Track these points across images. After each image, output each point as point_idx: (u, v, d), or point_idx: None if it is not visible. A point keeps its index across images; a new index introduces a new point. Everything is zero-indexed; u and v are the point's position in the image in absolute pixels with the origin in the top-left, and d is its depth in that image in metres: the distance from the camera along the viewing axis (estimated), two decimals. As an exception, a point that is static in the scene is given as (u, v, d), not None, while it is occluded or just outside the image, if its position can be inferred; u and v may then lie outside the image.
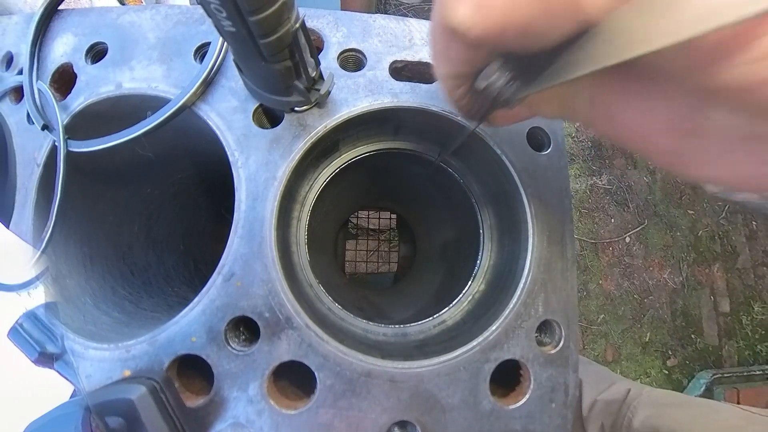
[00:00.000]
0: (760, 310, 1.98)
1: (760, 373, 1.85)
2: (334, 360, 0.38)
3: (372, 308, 0.85)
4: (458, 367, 0.40)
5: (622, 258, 1.91)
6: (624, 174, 2.00)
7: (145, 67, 0.45)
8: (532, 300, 0.42)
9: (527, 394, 0.40)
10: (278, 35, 0.29)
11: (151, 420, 0.32)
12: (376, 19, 0.48)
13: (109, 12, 0.47)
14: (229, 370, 0.37)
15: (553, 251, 0.44)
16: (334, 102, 0.44)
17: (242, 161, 0.42)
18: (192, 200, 0.75)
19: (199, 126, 0.44)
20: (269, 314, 0.38)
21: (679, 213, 2.00)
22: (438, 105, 0.46)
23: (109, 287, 0.51)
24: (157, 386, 0.34)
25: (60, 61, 0.46)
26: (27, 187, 0.44)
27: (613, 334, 1.84)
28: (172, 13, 0.47)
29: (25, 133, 0.45)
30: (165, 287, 0.63)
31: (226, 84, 0.44)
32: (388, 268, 1.41)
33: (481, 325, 0.43)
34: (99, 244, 0.53)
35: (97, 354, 0.38)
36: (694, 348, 1.90)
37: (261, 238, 0.40)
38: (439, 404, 0.39)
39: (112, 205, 0.57)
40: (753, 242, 2.04)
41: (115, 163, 0.51)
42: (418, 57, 0.47)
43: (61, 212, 0.43)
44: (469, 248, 0.60)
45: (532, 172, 0.45)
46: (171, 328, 0.38)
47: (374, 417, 0.38)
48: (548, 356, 0.41)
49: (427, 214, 0.95)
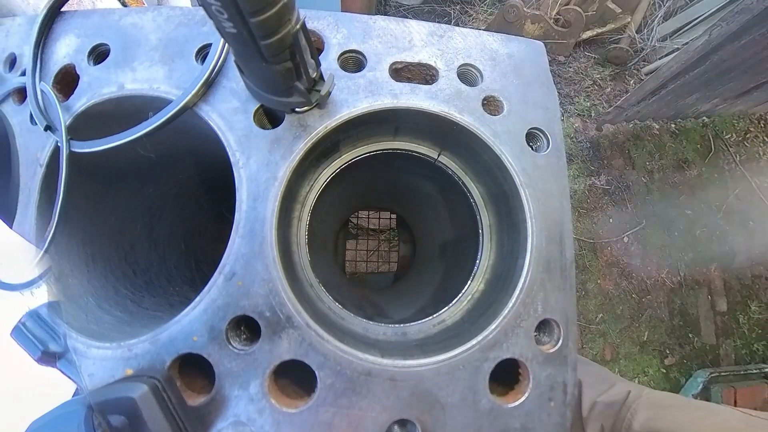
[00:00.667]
0: (757, 309, 1.98)
1: (757, 372, 1.85)
2: (335, 359, 0.38)
3: (372, 307, 0.85)
4: (458, 366, 0.39)
5: (621, 258, 1.91)
6: (622, 174, 2.00)
7: (147, 68, 0.45)
8: (531, 299, 0.42)
9: (526, 393, 0.40)
10: (279, 36, 0.29)
11: (153, 418, 0.32)
12: (376, 20, 0.48)
13: (111, 14, 0.47)
14: (230, 368, 0.37)
15: (552, 251, 0.44)
16: (334, 103, 0.44)
17: (243, 162, 0.42)
18: (193, 200, 0.75)
19: (201, 127, 0.44)
20: (270, 313, 0.38)
21: (676, 213, 2.00)
22: (437, 106, 0.46)
23: (111, 286, 0.51)
24: (158, 385, 0.34)
25: (63, 62, 0.46)
26: (30, 187, 0.44)
27: (611, 333, 1.84)
28: (174, 14, 0.47)
29: (28, 134, 0.45)
30: (167, 287, 0.63)
31: (228, 85, 0.44)
32: (388, 267, 1.41)
33: (480, 325, 0.43)
34: (101, 243, 0.53)
35: (99, 353, 0.38)
36: (691, 347, 1.90)
37: (262, 238, 0.40)
38: (438, 403, 0.39)
39: (114, 205, 0.56)
40: (750, 242, 2.04)
41: (117, 163, 0.51)
42: (418, 58, 0.47)
43: (63, 212, 0.43)
44: (468, 248, 0.60)
45: (531, 172, 0.45)
46: (173, 327, 0.38)
47: (374, 415, 0.38)
48: (547, 355, 0.41)
49: (426, 214, 0.95)
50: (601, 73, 2.16)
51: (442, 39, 0.48)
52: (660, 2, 2.19)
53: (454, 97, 0.46)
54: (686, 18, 2.06)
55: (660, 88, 1.70)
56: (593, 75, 2.15)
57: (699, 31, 1.86)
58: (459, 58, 0.48)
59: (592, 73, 2.15)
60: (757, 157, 2.16)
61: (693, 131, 2.12)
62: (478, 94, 0.47)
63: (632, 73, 2.17)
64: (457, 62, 0.48)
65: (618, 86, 2.14)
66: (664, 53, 2.12)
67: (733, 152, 2.13)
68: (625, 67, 2.17)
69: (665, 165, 2.05)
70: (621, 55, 2.12)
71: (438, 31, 0.48)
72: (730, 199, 2.06)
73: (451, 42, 0.48)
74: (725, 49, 1.40)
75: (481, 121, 0.46)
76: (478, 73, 0.48)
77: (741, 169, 2.12)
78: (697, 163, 2.08)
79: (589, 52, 2.20)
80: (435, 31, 0.48)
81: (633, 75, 2.17)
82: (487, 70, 0.48)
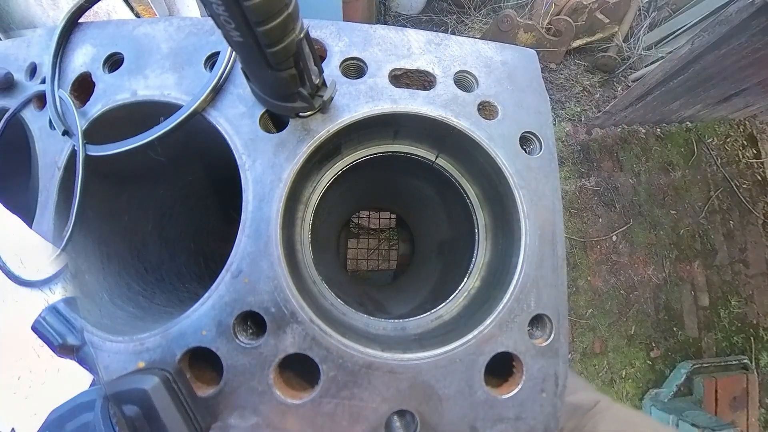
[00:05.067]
0: (737, 304, 1.98)
1: (736, 363, 1.85)
2: (337, 352, 0.38)
3: (372, 303, 0.85)
4: (454, 359, 0.39)
5: (609, 256, 1.91)
6: (611, 176, 1.99)
7: (158, 75, 0.44)
8: (525, 296, 0.42)
9: (520, 384, 0.40)
10: (284, 45, 0.29)
11: (165, 408, 0.32)
12: (376, 29, 0.47)
13: (125, 24, 0.47)
14: (237, 361, 0.37)
15: (545, 249, 0.43)
16: (336, 107, 0.44)
17: (249, 164, 0.41)
18: (202, 201, 0.75)
19: (209, 131, 0.43)
20: (275, 309, 0.38)
21: (662, 213, 1.99)
22: (435, 110, 0.46)
23: (124, 283, 0.51)
24: (169, 377, 0.34)
25: (80, 70, 0.46)
26: (48, 189, 0.44)
27: (600, 327, 1.83)
28: (184, 24, 0.46)
29: (48, 139, 0.45)
30: (177, 283, 0.63)
31: (235, 91, 0.44)
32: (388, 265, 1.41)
33: (476, 320, 0.42)
34: (115, 242, 0.53)
35: (113, 346, 0.38)
36: (675, 340, 1.89)
37: (267, 237, 0.40)
38: (436, 394, 0.39)
39: (127, 206, 0.56)
40: (730, 240, 2.04)
41: (130, 166, 0.51)
42: (416, 65, 0.47)
43: (80, 212, 0.43)
44: (464, 247, 0.60)
45: (524, 174, 0.45)
46: (183, 322, 0.38)
47: (374, 406, 0.38)
48: (540, 349, 0.41)
49: (425, 214, 0.95)
50: (590, 80, 2.16)
51: (439, 47, 0.48)
52: (645, 13, 2.19)
53: (450, 103, 0.46)
54: (670, 28, 2.06)
55: (646, 95, 1.70)
56: (583, 81, 2.15)
57: (682, 41, 1.85)
58: (455, 65, 0.48)
59: (581, 80, 2.15)
60: (737, 160, 2.16)
61: (677, 135, 2.12)
62: (473, 100, 0.47)
63: (620, 80, 2.17)
64: (454, 69, 0.47)
65: (606, 92, 2.14)
66: (649, 61, 2.11)
67: (714, 155, 2.13)
68: (613, 74, 2.17)
69: (651, 167, 2.04)
70: (609, 63, 2.12)
71: (435, 40, 0.48)
72: (712, 199, 2.06)
73: (447, 50, 0.48)
74: (706, 58, 1.40)
75: (476, 125, 0.46)
76: (474, 80, 0.48)
77: (722, 171, 2.12)
78: (681, 166, 2.08)
79: (579, 60, 2.19)
80: (432, 39, 0.48)
81: (620, 82, 2.17)
82: (482, 76, 0.48)
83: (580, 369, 1.78)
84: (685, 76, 1.52)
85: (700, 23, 1.88)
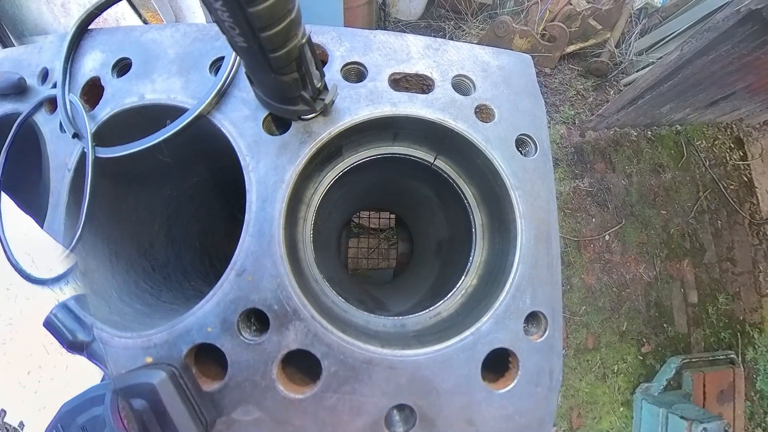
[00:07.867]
0: (724, 301, 1.98)
1: (724, 358, 1.85)
2: (338, 349, 0.38)
3: (373, 301, 0.85)
4: (452, 355, 0.39)
5: (602, 254, 1.90)
6: (604, 177, 1.99)
7: (165, 79, 0.44)
8: (521, 293, 0.42)
9: (515, 379, 0.40)
10: (287, 50, 0.29)
11: (172, 402, 0.32)
12: (376, 34, 0.47)
13: (133, 30, 0.47)
14: (241, 357, 0.37)
15: (540, 248, 0.43)
16: (337, 111, 0.44)
17: (253, 165, 0.41)
18: (207, 201, 0.75)
19: (214, 133, 0.43)
20: (278, 307, 0.38)
21: (653, 213, 1.99)
22: (433, 113, 0.45)
23: (132, 281, 0.51)
24: (176, 372, 0.34)
25: (89, 75, 0.46)
26: (59, 190, 0.43)
27: (593, 323, 1.83)
28: (190, 30, 0.46)
29: (58, 141, 0.45)
30: (183, 281, 0.62)
31: (239, 95, 0.43)
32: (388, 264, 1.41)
33: (473, 317, 0.42)
34: (123, 241, 0.53)
35: (121, 342, 0.38)
36: (665, 336, 1.89)
37: (270, 236, 0.39)
38: (434, 389, 0.38)
39: (135, 206, 0.56)
40: (718, 239, 2.04)
41: (137, 167, 0.51)
42: (415, 69, 0.47)
43: (89, 213, 0.42)
44: (462, 246, 0.60)
45: (520, 175, 0.45)
46: (188, 319, 0.37)
47: (375, 401, 0.38)
48: (535, 344, 0.41)
49: (423, 214, 0.95)
50: (584, 84, 2.16)
51: (437, 52, 0.48)
52: (637, 20, 2.18)
53: (448, 106, 0.46)
54: (661, 34, 2.06)
55: (637, 98, 1.69)
56: (577, 86, 2.15)
57: (672, 47, 1.85)
58: (453, 69, 0.47)
59: (575, 84, 2.15)
60: (724, 162, 2.16)
61: (667, 138, 2.12)
62: (471, 103, 0.46)
63: (612, 84, 2.17)
64: (452, 73, 0.47)
65: (599, 96, 2.14)
66: (640, 66, 2.11)
67: (703, 157, 2.13)
68: (606, 78, 2.16)
69: (643, 169, 2.04)
70: (602, 68, 2.12)
71: (434, 45, 0.48)
72: (701, 200, 2.06)
73: (446, 55, 0.48)
74: (695, 63, 1.40)
75: (474, 127, 0.46)
76: (471, 84, 0.47)
77: (710, 173, 2.11)
78: (671, 168, 2.08)
79: (573, 65, 2.19)
80: (431, 44, 0.48)
81: (613, 86, 2.17)
82: (480, 80, 0.48)
83: (574, 364, 1.78)
84: (674, 81, 1.52)
85: (689, 30, 1.88)
